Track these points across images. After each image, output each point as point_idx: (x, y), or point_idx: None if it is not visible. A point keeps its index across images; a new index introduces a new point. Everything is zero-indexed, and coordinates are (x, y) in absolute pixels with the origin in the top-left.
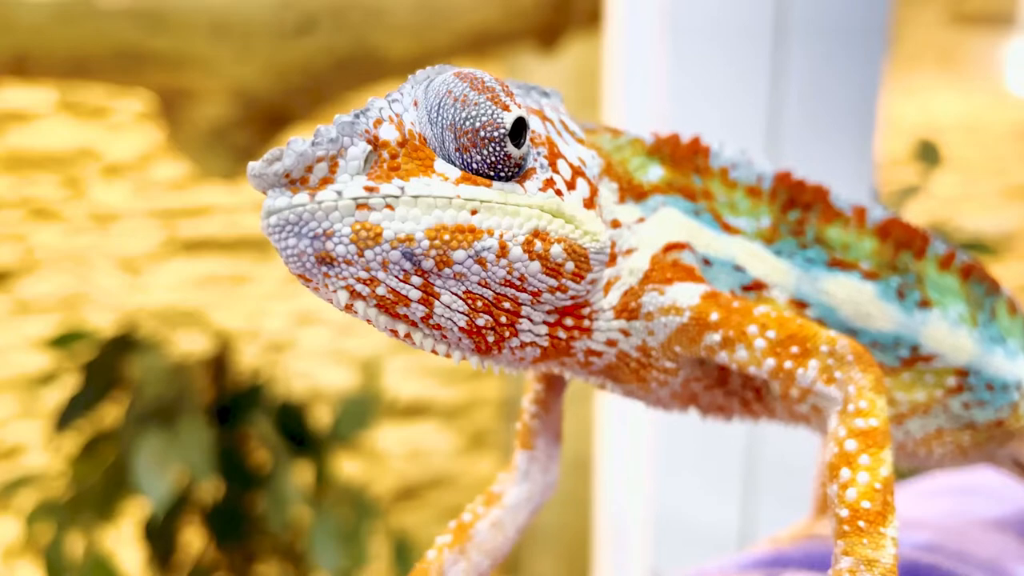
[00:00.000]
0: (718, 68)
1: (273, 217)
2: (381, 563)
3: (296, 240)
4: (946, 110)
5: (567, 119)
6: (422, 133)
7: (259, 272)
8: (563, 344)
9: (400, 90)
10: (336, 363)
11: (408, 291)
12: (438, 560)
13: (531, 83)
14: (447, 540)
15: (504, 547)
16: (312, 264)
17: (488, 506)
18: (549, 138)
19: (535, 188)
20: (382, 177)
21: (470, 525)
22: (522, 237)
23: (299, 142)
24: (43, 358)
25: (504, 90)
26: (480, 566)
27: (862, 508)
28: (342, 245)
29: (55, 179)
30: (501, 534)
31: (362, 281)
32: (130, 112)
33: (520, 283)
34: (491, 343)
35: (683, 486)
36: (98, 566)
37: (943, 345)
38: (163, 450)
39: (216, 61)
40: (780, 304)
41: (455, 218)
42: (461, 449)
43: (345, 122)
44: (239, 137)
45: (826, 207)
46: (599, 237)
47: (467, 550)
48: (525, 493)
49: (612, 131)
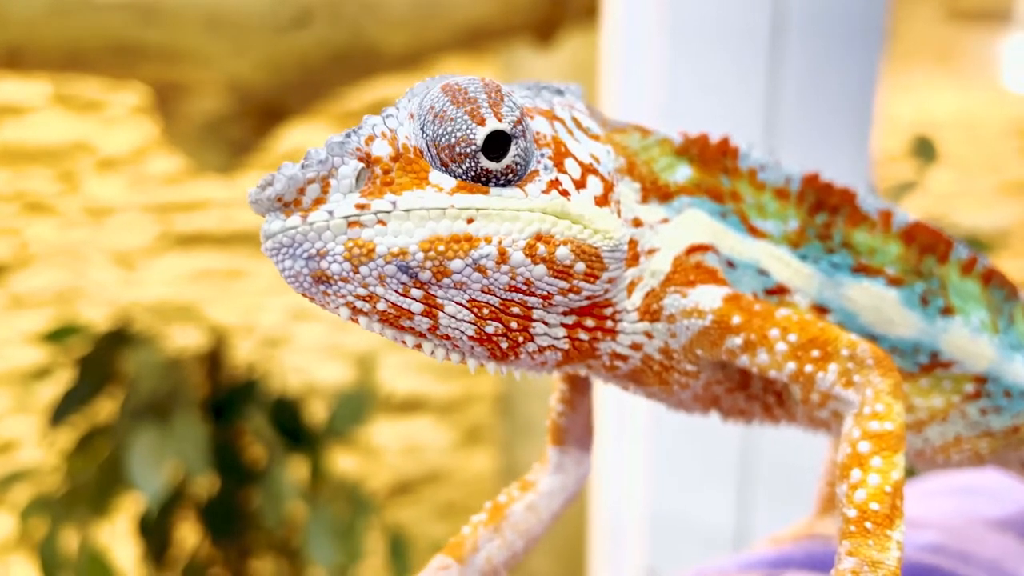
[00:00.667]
0: (715, 63)
1: (269, 241)
2: (376, 558)
3: (292, 262)
4: (942, 106)
5: (582, 115)
6: (417, 146)
7: (254, 267)
8: (586, 346)
9: (397, 104)
10: (331, 358)
11: (410, 304)
12: (473, 535)
13: (547, 81)
14: (482, 518)
15: (537, 530)
16: (310, 284)
17: (523, 491)
18: (556, 138)
19: (537, 191)
20: (375, 193)
21: (505, 506)
22: (523, 242)
23: (289, 166)
24: (37, 352)
25: (490, 100)
26: (514, 545)
27: (870, 510)
28: (336, 264)
29: (49, 173)
30: (535, 516)
31: (361, 298)
32: (125, 106)
33: (527, 287)
34: (505, 349)
35: (679, 484)
36: (92, 561)
37: (963, 352)
38: (158, 445)
39: (211, 55)
40: (802, 309)
41: (450, 228)
42: (456, 444)
43: (335, 142)
44: (234, 131)
45: (853, 210)
46: (612, 235)
47: (502, 528)
48: (559, 483)
49: (641, 130)
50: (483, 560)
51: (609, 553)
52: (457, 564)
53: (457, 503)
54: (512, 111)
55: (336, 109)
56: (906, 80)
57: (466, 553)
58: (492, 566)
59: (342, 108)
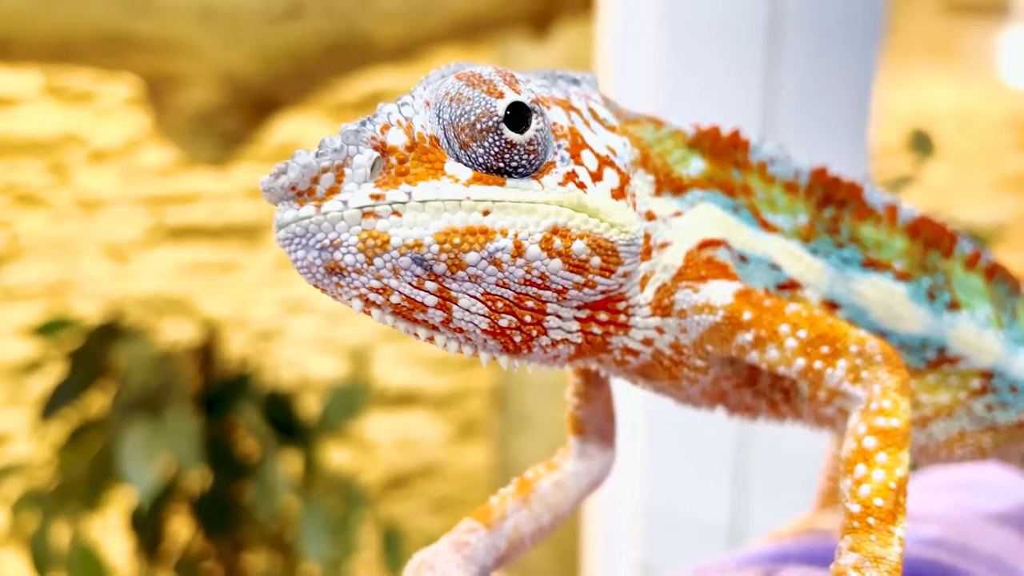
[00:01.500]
0: (712, 56)
1: (282, 231)
2: (370, 552)
3: (305, 252)
4: (940, 100)
5: (598, 106)
6: (433, 135)
7: (247, 260)
8: (599, 340)
9: (412, 92)
10: (325, 352)
11: (424, 297)
12: (501, 505)
13: (564, 71)
14: (510, 490)
15: (565, 507)
16: (323, 275)
17: (550, 470)
18: (573, 128)
19: (554, 183)
20: (390, 183)
21: (533, 480)
22: (539, 235)
23: (303, 154)
24: (28, 346)
25: (506, 79)
26: (541, 518)
27: (874, 505)
28: (350, 255)
29: (40, 165)
30: (563, 493)
31: (375, 290)
32: (116, 97)
33: (542, 281)
34: (518, 343)
35: (673, 478)
36: (84, 556)
37: (970, 347)
38: (150, 439)
39: (203, 46)
40: (812, 304)
41: (465, 220)
42: (451, 438)
43: (350, 131)
44: (226, 123)
45: (860, 204)
46: (628, 228)
47: (530, 501)
48: (584, 466)
49: (655, 121)
50: (511, 528)
51: (604, 548)
52: (485, 529)
53: (451, 497)
54: (529, 91)
55: (329, 101)
56: (904, 74)
57: (494, 520)
58: (519, 535)
59: (335, 100)
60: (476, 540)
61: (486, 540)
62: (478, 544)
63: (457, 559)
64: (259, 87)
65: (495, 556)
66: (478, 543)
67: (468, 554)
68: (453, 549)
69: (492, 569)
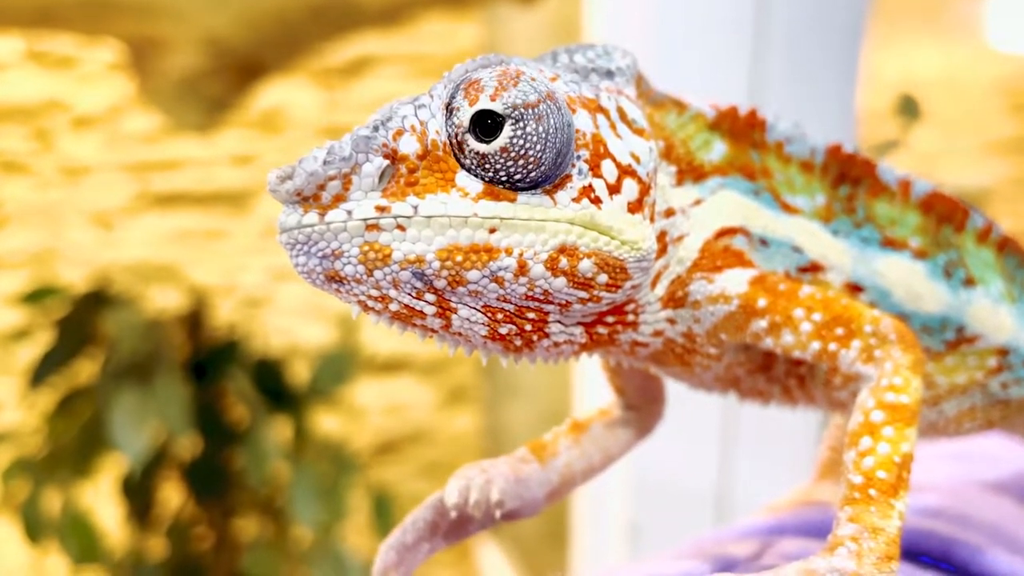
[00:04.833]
0: (699, 19)
1: (284, 235)
2: (361, 517)
3: (306, 259)
4: (927, 64)
5: (628, 104)
6: (446, 141)
7: (234, 226)
8: (605, 338)
9: (431, 91)
10: (314, 318)
11: (422, 307)
12: (554, 442)
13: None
14: (563, 429)
15: (615, 450)
16: (322, 281)
17: (602, 415)
18: (596, 136)
19: (567, 199)
20: (397, 194)
21: (585, 422)
22: (545, 255)
23: (310, 160)
24: (15, 314)
25: (498, 84)
26: (592, 457)
27: (877, 477)
28: (351, 265)
29: (23, 131)
30: (614, 437)
31: (374, 299)
32: (99, 62)
33: (544, 297)
34: (519, 346)
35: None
36: (76, 522)
37: (986, 325)
38: (139, 406)
39: (187, 9)
40: (836, 287)
41: (470, 238)
42: (440, 404)
43: (361, 136)
44: (212, 88)
45: (874, 181)
46: (641, 245)
47: (581, 441)
48: (633, 415)
49: (678, 105)
50: (562, 464)
51: (592, 510)
52: (537, 463)
53: (440, 462)
54: (522, 95)
55: (315, 65)
56: (891, 38)
57: (547, 456)
58: (571, 472)
59: (321, 64)
60: (530, 470)
61: (539, 474)
62: (532, 474)
63: (510, 476)
64: (244, 51)
65: (547, 490)
66: (532, 473)
67: (522, 477)
68: (509, 468)
69: (544, 502)
